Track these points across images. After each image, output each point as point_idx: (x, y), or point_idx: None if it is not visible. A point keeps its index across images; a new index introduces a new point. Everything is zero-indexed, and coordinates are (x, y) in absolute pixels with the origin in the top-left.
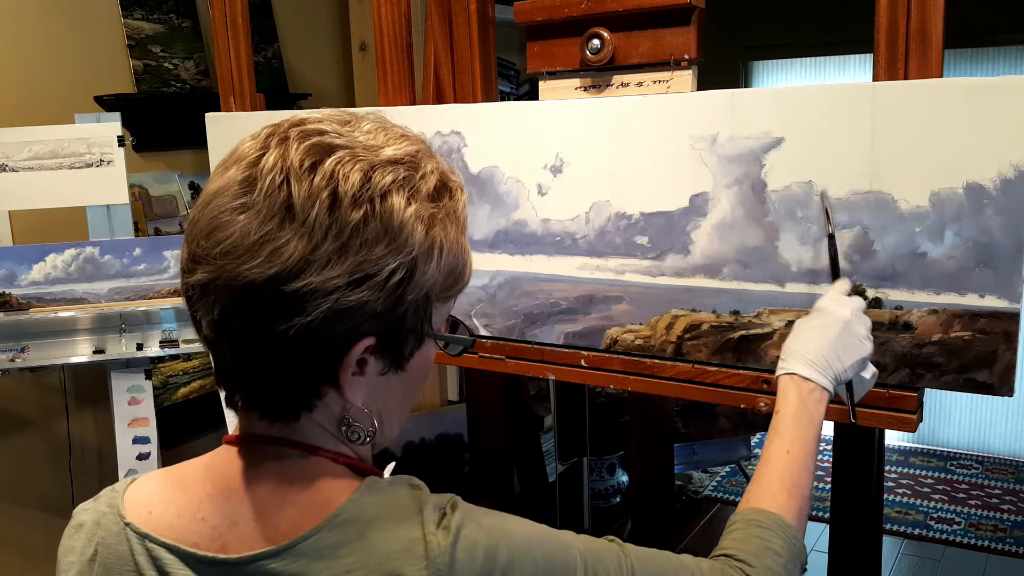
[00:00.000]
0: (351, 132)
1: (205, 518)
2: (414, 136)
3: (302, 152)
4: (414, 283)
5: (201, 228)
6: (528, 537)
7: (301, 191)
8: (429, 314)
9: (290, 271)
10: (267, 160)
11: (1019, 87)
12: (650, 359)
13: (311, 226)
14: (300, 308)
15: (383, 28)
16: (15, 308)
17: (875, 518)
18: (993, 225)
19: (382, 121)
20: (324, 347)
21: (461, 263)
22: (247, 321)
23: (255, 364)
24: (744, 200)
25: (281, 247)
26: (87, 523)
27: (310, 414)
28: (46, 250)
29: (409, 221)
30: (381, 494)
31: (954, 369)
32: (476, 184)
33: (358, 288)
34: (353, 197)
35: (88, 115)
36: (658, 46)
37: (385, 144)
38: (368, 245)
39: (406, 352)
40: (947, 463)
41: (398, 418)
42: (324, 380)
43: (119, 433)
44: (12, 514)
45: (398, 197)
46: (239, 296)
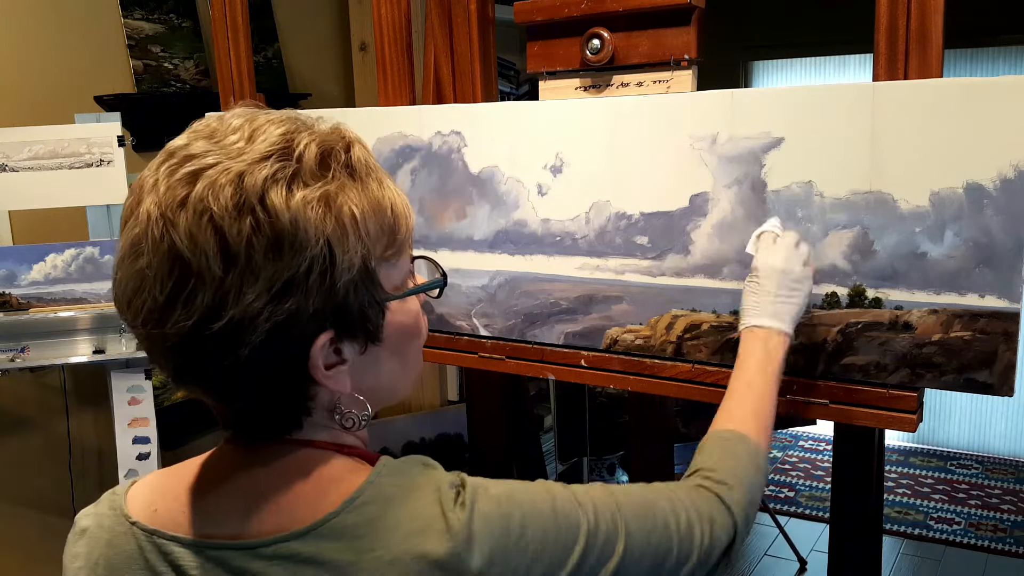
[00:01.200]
0: (219, 143)
1: (214, 511)
2: (280, 116)
3: (172, 189)
4: (338, 266)
5: (120, 302)
6: (534, 499)
7: (181, 238)
8: (377, 282)
9: (209, 314)
10: (142, 212)
11: (1019, 87)
12: (650, 359)
13: (207, 268)
14: (238, 340)
15: (383, 28)
16: (15, 308)
17: (875, 518)
18: (993, 225)
19: (249, 114)
20: (284, 358)
21: (387, 217)
22: (199, 365)
23: (232, 395)
24: (744, 200)
25: (189, 296)
26: (90, 527)
27: (310, 417)
28: (46, 250)
29: (299, 210)
30: (398, 475)
31: (954, 369)
32: (476, 184)
33: (284, 298)
34: (231, 213)
35: (88, 115)
36: (658, 46)
37: (253, 139)
38: (270, 255)
39: (373, 326)
40: (947, 463)
41: (406, 375)
42: (304, 384)
43: (119, 433)
44: (12, 514)
45: (277, 192)
46: (179, 350)
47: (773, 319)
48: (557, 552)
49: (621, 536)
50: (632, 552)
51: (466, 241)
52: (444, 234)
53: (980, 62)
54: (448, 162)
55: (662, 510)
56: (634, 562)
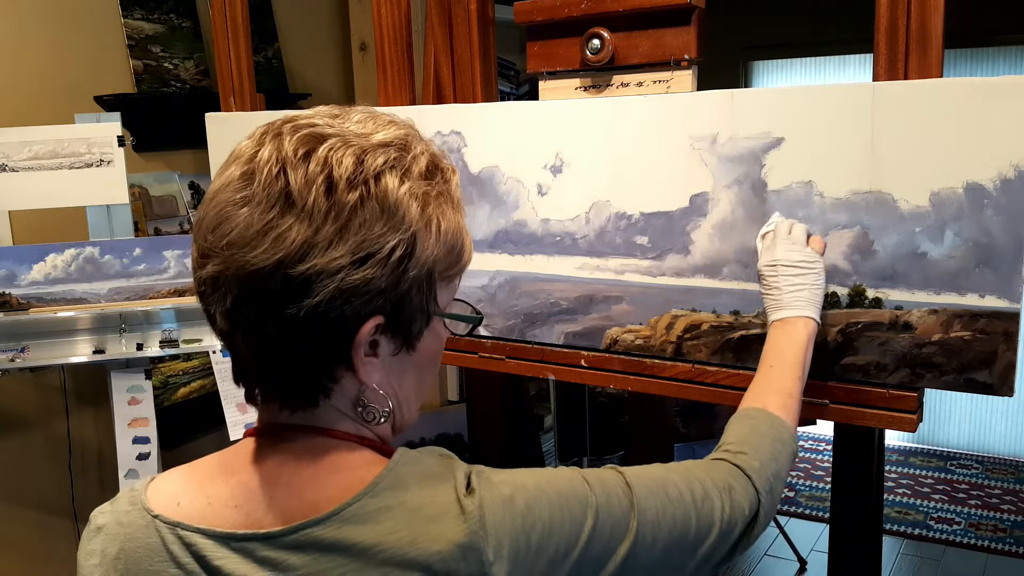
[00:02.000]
0: (342, 123)
1: (238, 504)
2: (402, 121)
3: (295, 143)
4: (415, 259)
5: (207, 224)
6: (539, 481)
7: (298, 179)
8: (434, 293)
9: (295, 255)
10: (263, 154)
11: (1019, 87)
12: (650, 359)
13: (310, 211)
14: (307, 290)
15: (383, 28)
16: (15, 308)
17: (875, 518)
18: (993, 225)
19: (371, 111)
20: (334, 327)
21: (460, 241)
22: (258, 307)
23: (269, 351)
24: (744, 200)
25: (284, 233)
26: (107, 524)
27: (328, 399)
28: (46, 250)
29: (404, 199)
30: (416, 464)
31: (954, 369)
32: (476, 184)
33: (362, 266)
34: (348, 180)
35: (88, 115)
36: (658, 46)
37: (375, 131)
38: (367, 225)
39: (415, 331)
40: (947, 463)
41: (416, 400)
42: (338, 362)
43: (119, 433)
44: (12, 514)
45: (391, 177)
46: (249, 284)
47: (790, 309)
48: (566, 532)
49: (634, 513)
50: (646, 528)
51: None
52: None
53: (980, 62)
54: None
55: (675, 484)
56: (650, 540)
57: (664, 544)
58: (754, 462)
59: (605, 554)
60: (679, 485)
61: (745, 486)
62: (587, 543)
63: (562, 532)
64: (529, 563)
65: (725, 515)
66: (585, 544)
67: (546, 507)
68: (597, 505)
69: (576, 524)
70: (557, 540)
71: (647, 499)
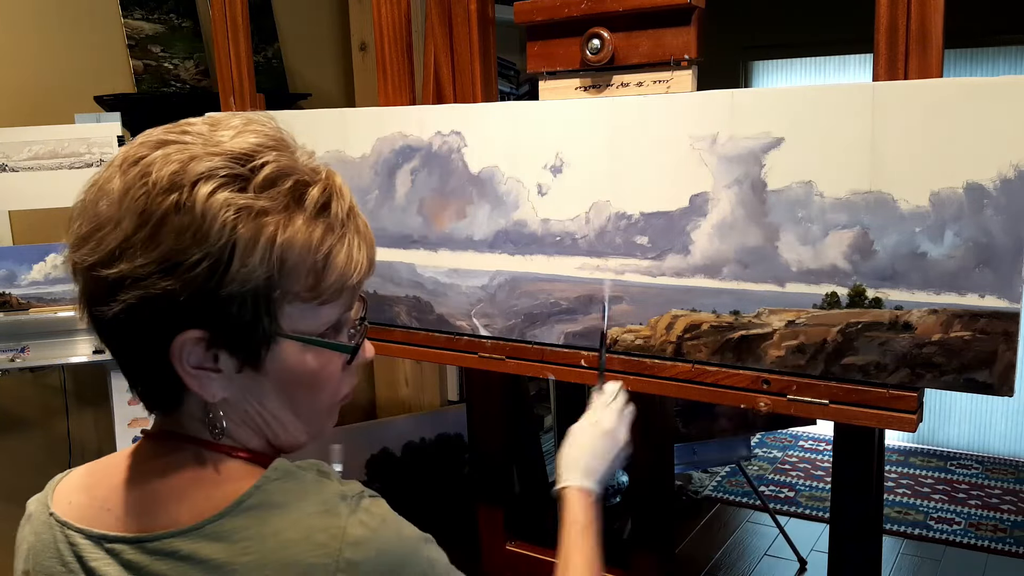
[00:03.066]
0: (212, 131)
1: (111, 507)
2: (271, 130)
3: (141, 147)
4: (231, 274)
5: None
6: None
7: (119, 183)
8: (272, 313)
9: (107, 259)
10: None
11: (1019, 87)
12: (650, 359)
13: (124, 214)
14: (114, 294)
15: (383, 28)
16: (15, 308)
17: (875, 518)
18: (993, 225)
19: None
20: (144, 335)
21: (316, 260)
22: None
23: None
24: (744, 200)
25: (104, 236)
26: (32, 513)
27: (182, 405)
28: (46, 250)
29: (214, 210)
30: (288, 480)
31: (954, 369)
32: (476, 184)
33: (166, 277)
34: (163, 187)
35: (88, 115)
36: (658, 46)
37: (232, 139)
38: (177, 234)
39: (254, 350)
40: (947, 463)
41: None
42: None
43: (119, 433)
44: (12, 514)
45: (206, 186)
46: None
47: (585, 478)
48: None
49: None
50: None
51: (466, 241)
52: (444, 234)
53: (980, 62)
54: (448, 162)
55: None
56: None
57: None
58: None
59: None
60: None
61: None
62: None
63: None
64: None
65: None
66: None
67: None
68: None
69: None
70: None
71: None
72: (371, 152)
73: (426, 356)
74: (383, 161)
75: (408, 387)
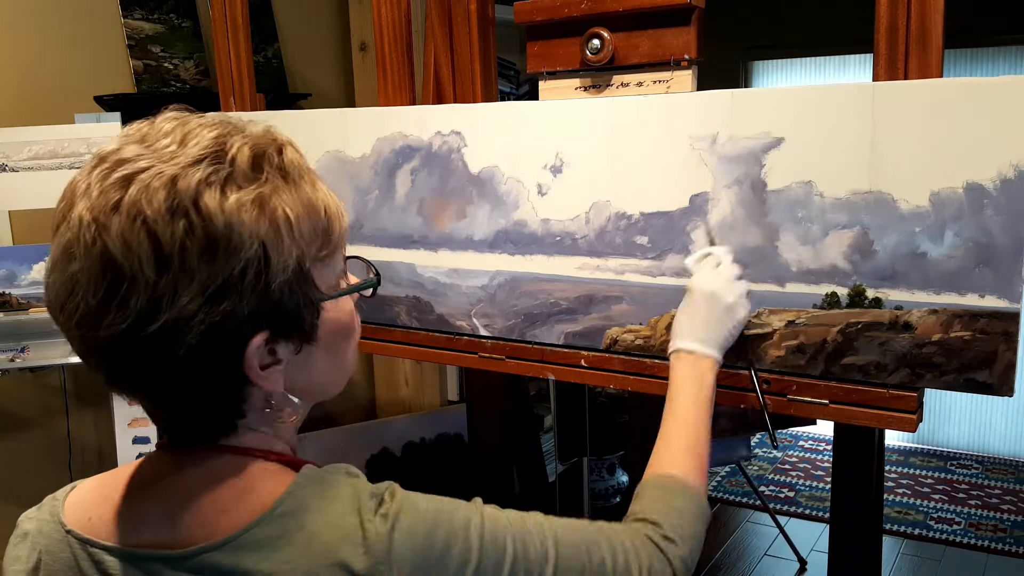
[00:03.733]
0: (151, 147)
1: (143, 519)
2: (213, 120)
3: (103, 193)
4: (273, 268)
5: (53, 304)
6: (465, 518)
7: (114, 238)
8: (311, 282)
9: (143, 317)
10: (74, 218)
11: (1019, 87)
12: (650, 359)
13: (140, 269)
14: (173, 341)
15: (383, 28)
16: (15, 308)
17: (875, 518)
18: (993, 225)
19: (180, 119)
20: (218, 362)
21: (319, 217)
22: (133, 369)
23: (170, 398)
24: (744, 200)
25: (123, 300)
26: (31, 532)
27: (244, 419)
28: (46, 250)
29: (234, 214)
30: (319, 485)
31: (954, 369)
32: (476, 184)
33: (219, 301)
34: (165, 217)
35: (88, 115)
36: (658, 46)
37: (184, 143)
38: (204, 257)
39: (307, 326)
40: (947, 463)
41: (340, 373)
42: (240, 384)
43: (119, 433)
44: (12, 514)
45: (211, 195)
46: (113, 352)
47: (703, 344)
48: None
49: (550, 568)
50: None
51: (466, 241)
52: (444, 234)
53: (980, 62)
54: (448, 162)
55: (599, 548)
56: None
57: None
58: (678, 548)
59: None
60: (603, 550)
61: (664, 570)
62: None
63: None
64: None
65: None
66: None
67: (464, 549)
68: (514, 555)
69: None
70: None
71: (568, 555)
72: (371, 152)
73: (426, 356)
74: (383, 161)
75: (408, 387)
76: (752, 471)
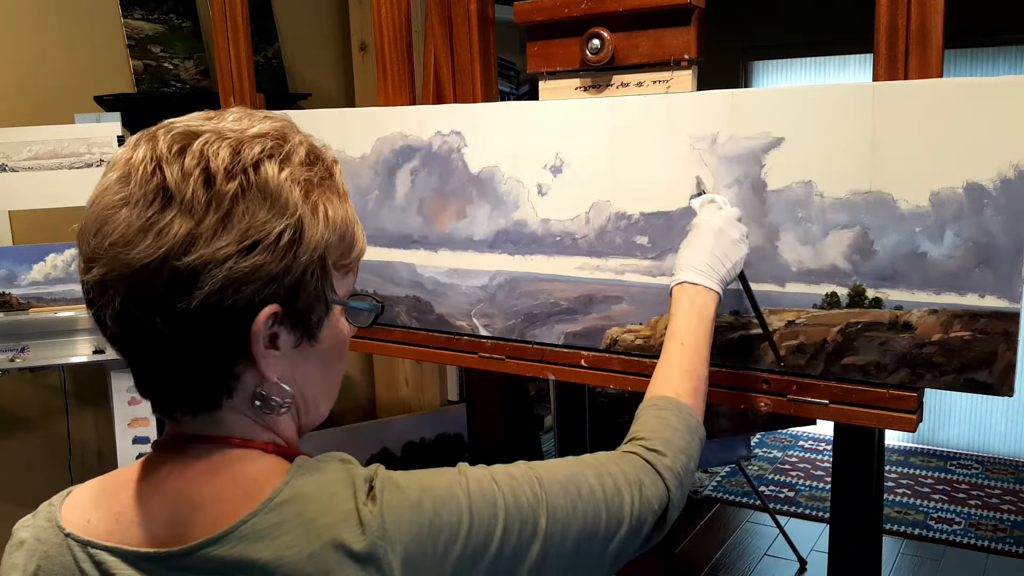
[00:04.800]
0: (217, 123)
1: (141, 522)
2: (278, 116)
3: (169, 141)
4: (305, 243)
5: (89, 229)
6: (447, 483)
7: (173, 173)
8: (330, 281)
9: (179, 248)
10: (137, 154)
11: (1019, 87)
12: (650, 359)
13: (190, 203)
14: (196, 281)
15: (383, 28)
16: (15, 308)
17: (875, 518)
18: (993, 225)
19: (246, 111)
20: (228, 319)
21: (350, 231)
22: (148, 306)
23: (164, 352)
24: (744, 200)
25: (166, 227)
26: (27, 539)
27: (230, 399)
28: (46, 250)
29: (285, 184)
30: (314, 473)
31: (954, 369)
32: (476, 184)
33: (250, 254)
34: (226, 170)
35: (88, 115)
36: (658, 46)
37: (250, 126)
38: (250, 212)
39: (315, 320)
40: (947, 463)
41: (324, 397)
42: (237, 357)
43: (119, 433)
44: (12, 514)
45: (270, 164)
46: (136, 282)
47: (706, 277)
48: (476, 534)
49: (543, 511)
50: (556, 527)
51: (466, 241)
52: (444, 234)
53: (980, 62)
54: (448, 162)
55: (586, 479)
56: (559, 538)
57: (574, 541)
58: (665, 459)
59: (517, 554)
60: (590, 480)
61: (655, 482)
62: (498, 546)
63: (471, 535)
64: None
65: (635, 511)
66: (496, 548)
67: (455, 511)
68: (506, 507)
69: (486, 527)
70: (464, 544)
71: (558, 495)
72: (371, 152)
73: (426, 356)
74: (383, 161)
75: (408, 387)
76: (752, 471)
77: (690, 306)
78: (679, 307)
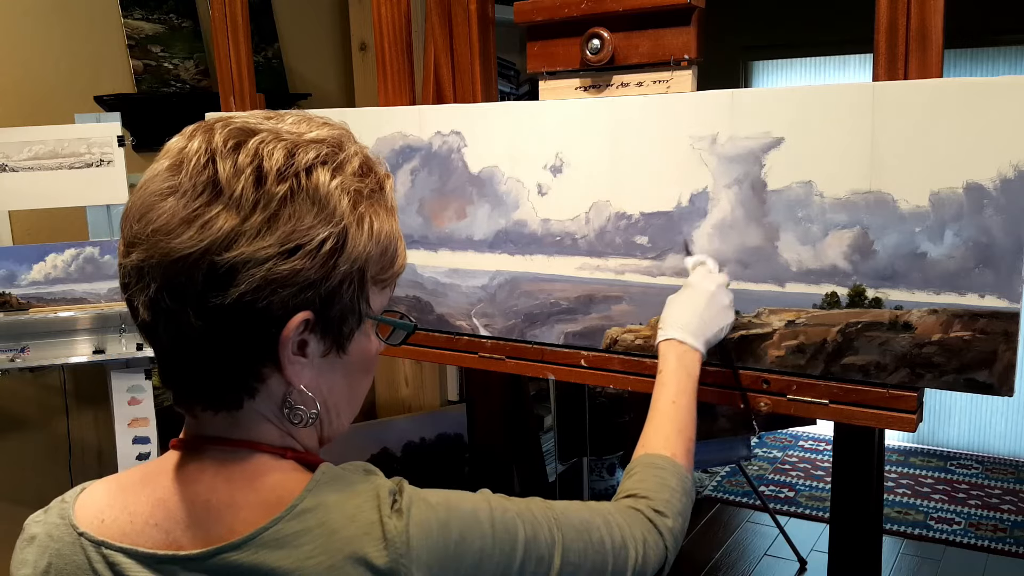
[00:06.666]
0: (275, 124)
1: (158, 523)
2: (336, 124)
3: (226, 135)
4: (346, 253)
5: (133, 214)
6: (474, 508)
7: (226, 168)
8: (366, 294)
9: (221, 243)
10: (191, 145)
11: (1019, 87)
12: (650, 359)
13: (238, 200)
14: (233, 278)
15: (383, 28)
16: (15, 308)
17: (875, 518)
18: (993, 225)
19: (305, 115)
20: (260, 320)
21: (393, 245)
22: (182, 297)
23: (193, 344)
24: (744, 200)
25: (210, 220)
26: (39, 535)
27: (252, 400)
28: (46, 250)
29: (335, 193)
30: (337, 481)
31: (954, 369)
32: (476, 184)
33: (290, 257)
34: (278, 172)
35: (88, 115)
36: (658, 46)
37: (308, 130)
38: (297, 216)
39: (346, 331)
40: (947, 463)
41: (347, 410)
42: (264, 360)
43: (119, 433)
44: (12, 514)
45: (322, 171)
46: (173, 271)
47: (693, 338)
48: (497, 562)
49: (558, 549)
50: (568, 570)
51: (466, 241)
52: (444, 234)
53: (980, 62)
54: (448, 162)
55: (598, 528)
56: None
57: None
58: (667, 520)
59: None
60: (601, 530)
61: (657, 542)
62: None
63: (492, 563)
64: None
65: (637, 566)
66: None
67: (478, 537)
68: (526, 541)
69: (507, 556)
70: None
71: (573, 540)
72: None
73: (426, 356)
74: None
75: (408, 387)
76: (752, 471)
77: (678, 364)
78: (667, 363)
